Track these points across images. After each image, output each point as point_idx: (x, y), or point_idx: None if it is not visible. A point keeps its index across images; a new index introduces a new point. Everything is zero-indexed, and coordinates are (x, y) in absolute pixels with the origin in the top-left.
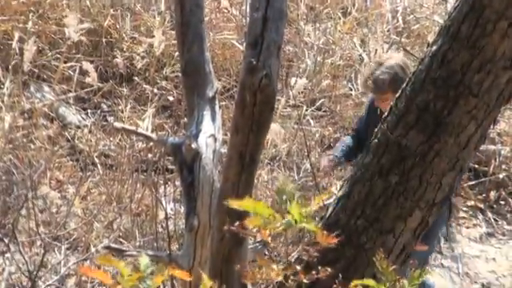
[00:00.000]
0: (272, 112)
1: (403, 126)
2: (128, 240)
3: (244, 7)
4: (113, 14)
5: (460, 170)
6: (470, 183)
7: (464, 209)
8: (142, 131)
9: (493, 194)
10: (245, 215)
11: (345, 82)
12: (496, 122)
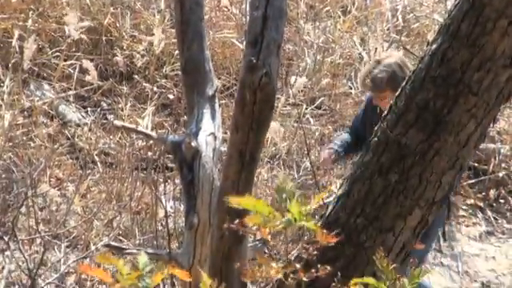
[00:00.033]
0: (272, 110)
1: (403, 124)
2: (128, 238)
3: (244, 6)
4: (113, 12)
5: (460, 169)
6: (470, 182)
7: (464, 207)
8: (142, 129)
9: (492, 192)
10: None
11: (344, 80)
12: (496, 121)
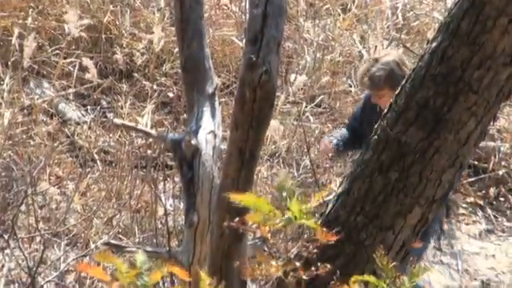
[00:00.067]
0: (272, 108)
1: (403, 122)
2: (127, 236)
3: (243, 3)
4: (112, 10)
5: (460, 167)
6: (470, 180)
7: (464, 205)
8: (141, 127)
9: (492, 190)
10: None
11: (344, 78)
12: (496, 119)
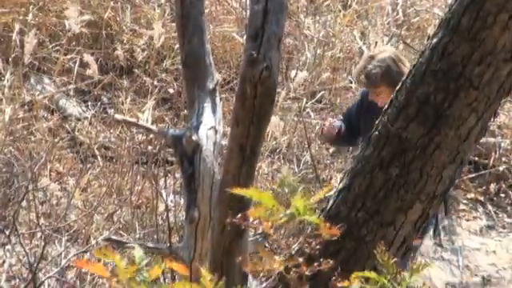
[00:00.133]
0: (273, 104)
1: (404, 118)
2: (128, 232)
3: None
4: (113, 6)
5: (460, 163)
6: (470, 176)
7: (464, 201)
8: (142, 123)
9: (493, 186)
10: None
11: (345, 74)
12: (496, 115)
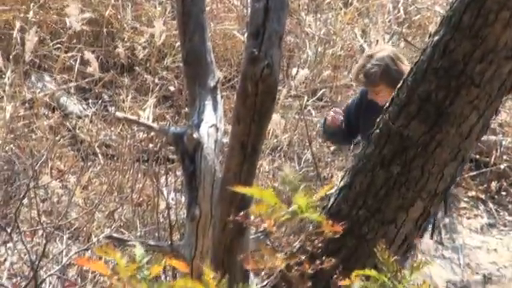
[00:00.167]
0: (274, 102)
1: (405, 116)
2: (129, 230)
3: None
4: (114, 3)
5: (462, 160)
6: (472, 174)
7: (465, 199)
8: (143, 121)
9: (494, 184)
10: (246, 206)
11: (346, 72)
12: (497, 113)
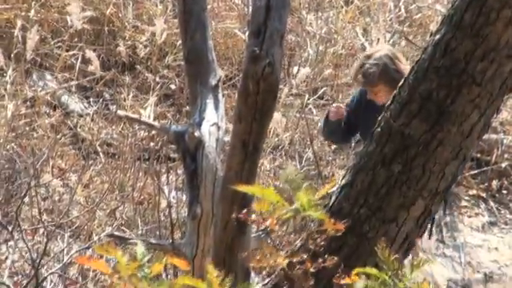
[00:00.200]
0: (275, 100)
1: (406, 114)
2: (130, 228)
3: None
4: (115, 2)
5: (463, 159)
6: (473, 172)
7: (466, 198)
8: (145, 119)
9: (495, 183)
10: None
11: (347, 71)
12: (499, 111)
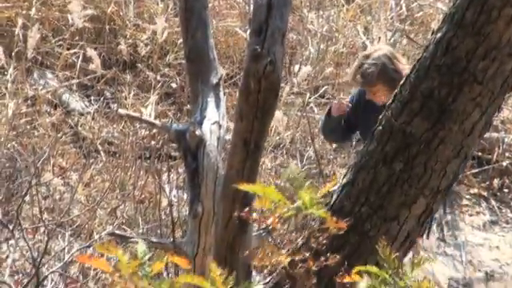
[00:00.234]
0: (276, 99)
1: (408, 113)
2: (131, 227)
3: None
4: (116, 0)
5: (465, 158)
6: (474, 171)
7: (467, 197)
8: (146, 118)
9: (496, 181)
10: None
11: (348, 69)
12: (500, 110)
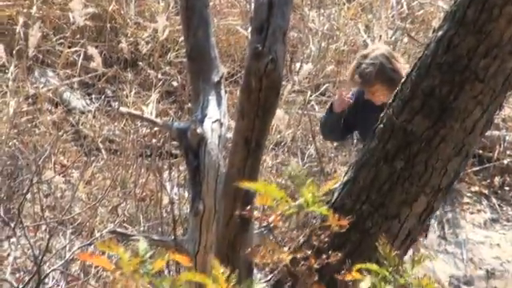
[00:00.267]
0: (278, 97)
1: (409, 111)
2: (132, 225)
3: None
4: None
5: (466, 156)
6: (475, 169)
7: (468, 195)
8: (147, 116)
9: (497, 179)
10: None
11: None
12: (501, 108)
